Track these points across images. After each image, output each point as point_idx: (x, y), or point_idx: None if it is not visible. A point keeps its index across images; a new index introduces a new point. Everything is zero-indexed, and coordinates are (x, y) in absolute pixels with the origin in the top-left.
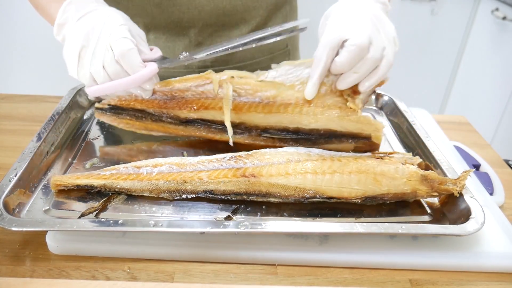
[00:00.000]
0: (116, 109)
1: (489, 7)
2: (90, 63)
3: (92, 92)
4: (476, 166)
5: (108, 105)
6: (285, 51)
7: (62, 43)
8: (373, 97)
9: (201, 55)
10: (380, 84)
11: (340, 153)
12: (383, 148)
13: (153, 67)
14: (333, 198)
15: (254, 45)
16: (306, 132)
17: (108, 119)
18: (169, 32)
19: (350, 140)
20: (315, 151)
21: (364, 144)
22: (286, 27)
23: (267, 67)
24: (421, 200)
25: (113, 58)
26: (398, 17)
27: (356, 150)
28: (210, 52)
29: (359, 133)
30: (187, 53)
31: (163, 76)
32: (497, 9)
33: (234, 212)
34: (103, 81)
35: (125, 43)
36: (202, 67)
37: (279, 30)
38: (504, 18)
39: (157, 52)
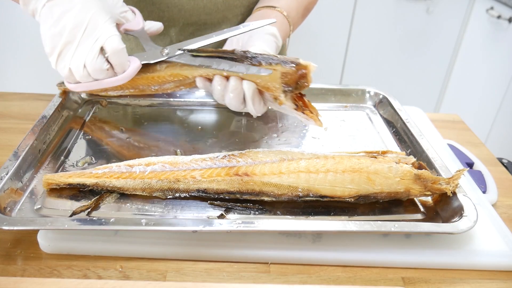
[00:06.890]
0: None
1: (484, 6)
2: (71, 60)
3: (73, 88)
4: (470, 164)
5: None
6: None
7: (32, 16)
8: (367, 95)
9: (184, 59)
10: None
11: (333, 153)
12: (377, 146)
13: (137, 65)
14: (326, 196)
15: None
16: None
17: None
18: None
19: (278, 62)
20: (309, 150)
21: (292, 70)
22: (255, 26)
23: None
24: (414, 198)
25: (96, 57)
26: (394, 16)
27: (284, 78)
28: (194, 54)
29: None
30: (168, 49)
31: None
32: (491, 8)
33: (227, 210)
34: (81, 77)
35: (117, 42)
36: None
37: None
38: (498, 17)
39: (139, 22)
